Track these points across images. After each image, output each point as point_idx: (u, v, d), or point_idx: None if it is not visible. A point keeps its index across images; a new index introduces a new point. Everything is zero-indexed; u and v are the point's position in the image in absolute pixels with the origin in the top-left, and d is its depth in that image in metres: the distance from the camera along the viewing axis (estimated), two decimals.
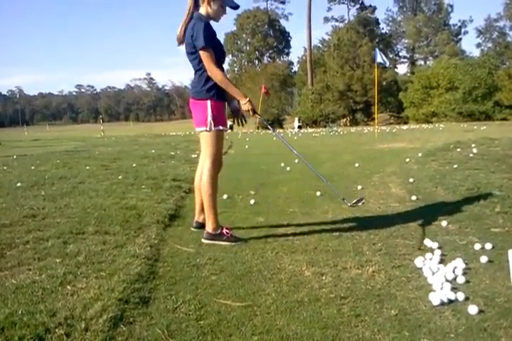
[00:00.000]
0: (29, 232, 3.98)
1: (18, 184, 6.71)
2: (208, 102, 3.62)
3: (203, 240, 3.73)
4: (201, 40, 3.51)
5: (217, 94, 3.65)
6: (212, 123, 3.62)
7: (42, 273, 2.95)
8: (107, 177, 7.39)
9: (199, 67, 3.66)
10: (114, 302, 2.46)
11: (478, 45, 63.41)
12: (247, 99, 3.65)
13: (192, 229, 4.08)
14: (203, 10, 3.69)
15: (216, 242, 3.68)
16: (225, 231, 3.72)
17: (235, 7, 3.81)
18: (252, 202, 5.21)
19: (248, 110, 3.65)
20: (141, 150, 13.86)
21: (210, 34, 3.58)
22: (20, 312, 2.37)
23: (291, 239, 3.74)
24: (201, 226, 4.02)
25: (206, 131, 3.65)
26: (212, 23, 3.71)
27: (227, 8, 3.78)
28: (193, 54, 3.65)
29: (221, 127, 3.67)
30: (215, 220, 3.73)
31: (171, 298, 2.61)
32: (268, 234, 3.93)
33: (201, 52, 3.54)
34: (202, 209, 3.99)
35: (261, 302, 2.56)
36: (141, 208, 4.83)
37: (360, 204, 3.89)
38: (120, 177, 7.26)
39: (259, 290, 2.72)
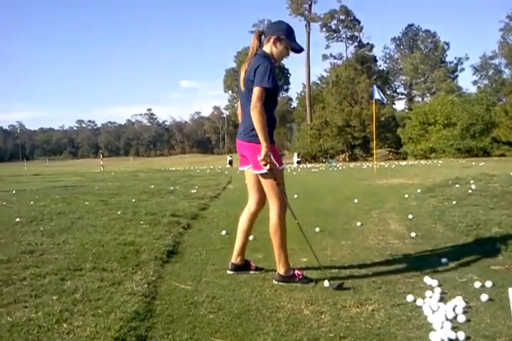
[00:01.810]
0: (26, 268, 3.95)
1: (17, 219, 6.70)
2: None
3: (275, 281, 3.62)
4: (266, 81, 3.42)
5: (271, 138, 3.59)
6: (277, 164, 3.56)
7: (38, 311, 2.92)
8: (106, 212, 7.38)
9: None
10: None
11: (475, 82, 64.46)
12: (269, 152, 3.46)
13: (228, 271, 3.90)
14: (267, 49, 3.67)
15: (288, 284, 3.57)
16: (296, 272, 3.63)
17: (299, 50, 3.78)
18: (250, 238, 5.18)
19: (264, 159, 3.45)
20: (140, 185, 13.87)
21: (274, 77, 3.50)
22: None
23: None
24: (237, 268, 3.88)
25: (267, 173, 3.55)
26: None
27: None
28: (251, 92, 3.48)
29: (281, 166, 3.62)
30: (286, 262, 3.64)
31: (168, 337, 2.58)
32: (267, 270, 3.90)
33: (257, 88, 3.41)
34: (241, 252, 3.89)
35: None
36: (139, 244, 4.81)
37: (339, 286, 3.52)
38: (119, 212, 7.26)
39: (258, 329, 2.69)
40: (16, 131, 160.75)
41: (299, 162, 42.54)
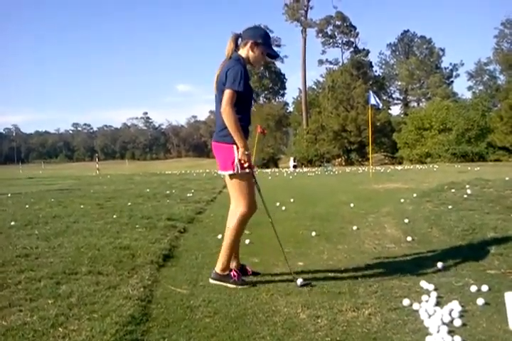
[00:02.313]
0: (21, 272, 3.93)
1: (12, 223, 6.67)
2: (234, 147, 3.55)
3: (210, 280, 3.71)
4: (236, 84, 3.45)
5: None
6: (239, 166, 3.55)
7: (33, 315, 2.90)
8: (102, 216, 7.36)
9: None
10: None
11: (470, 88, 64.85)
12: (248, 150, 3.54)
13: None
14: (244, 53, 3.69)
15: (222, 283, 3.64)
16: (232, 273, 3.67)
17: (275, 56, 3.82)
18: (246, 241, 5.18)
19: (242, 160, 3.51)
20: (136, 189, 13.84)
21: (246, 81, 3.52)
22: None
23: (286, 280, 3.70)
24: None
25: (233, 174, 3.59)
26: None
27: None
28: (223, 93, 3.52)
29: (247, 170, 3.61)
30: (226, 262, 3.69)
31: None
32: (263, 274, 3.89)
33: (228, 91, 3.45)
34: (234, 256, 3.86)
35: None
36: (135, 248, 4.80)
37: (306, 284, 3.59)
38: (115, 216, 7.24)
39: (254, 333, 2.68)
40: (11, 134, 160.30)
41: (295, 166, 42.44)
